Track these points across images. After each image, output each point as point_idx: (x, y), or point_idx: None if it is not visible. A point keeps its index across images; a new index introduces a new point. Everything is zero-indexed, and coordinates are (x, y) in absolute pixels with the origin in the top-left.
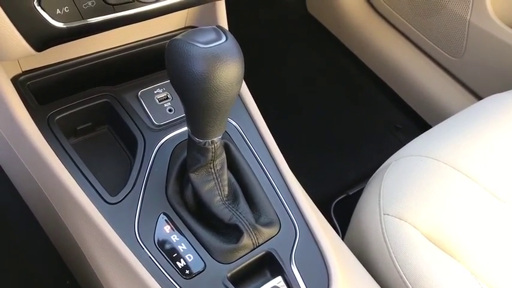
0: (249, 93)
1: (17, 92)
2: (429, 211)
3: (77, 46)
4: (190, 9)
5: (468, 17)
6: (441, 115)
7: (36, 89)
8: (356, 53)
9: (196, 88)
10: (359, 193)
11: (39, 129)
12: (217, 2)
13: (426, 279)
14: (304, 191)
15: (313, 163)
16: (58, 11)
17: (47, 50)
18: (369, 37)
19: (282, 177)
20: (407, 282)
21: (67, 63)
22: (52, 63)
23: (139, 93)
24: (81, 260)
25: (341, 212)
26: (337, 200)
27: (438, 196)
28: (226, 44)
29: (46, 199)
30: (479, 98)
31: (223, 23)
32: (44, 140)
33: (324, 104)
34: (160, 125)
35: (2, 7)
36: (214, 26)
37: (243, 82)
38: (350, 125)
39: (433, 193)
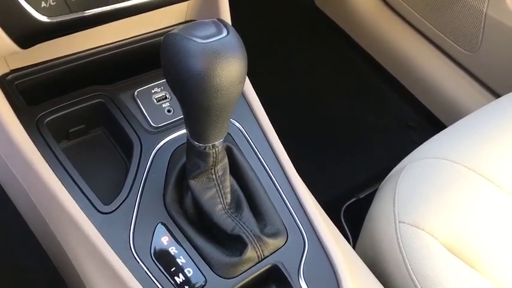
0: (253, 91)
1: (4, 92)
2: (448, 218)
3: (69, 42)
4: (190, 1)
5: (485, 9)
6: (456, 113)
7: (25, 89)
8: (366, 47)
9: (195, 88)
10: (370, 196)
11: (27, 132)
12: None
13: None
14: (313, 197)
15: (321, 164)
16: (43, 4)
17: (36, 47)
18: (379, 31)
19: (289, 182)
20: None
21: (58, 61)
22: (42, 61)
23: (135, 92)
24: (73, 273)
25: (351, 216)
26: (348, 203)
27: (458, 202)
28: (227, 38)
29: (35, 208)
30: (496, 94)
31: (226, 16)
32: (32, 144)
33: (333, 102)
34: (158, 127)
35: None
36: (215, 19)
37: (247, 79)
38: (360, 123)
39: (452, 199)
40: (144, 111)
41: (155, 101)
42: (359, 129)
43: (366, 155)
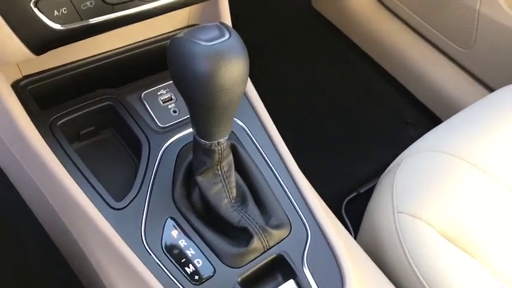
0: (255, 91)
1: (18, 97)
2: (445, 208)
3: (77, 48)
4: (192, 6)
5: (477, 7)
6: (452, 108)
7: (38, 94)
8: (362, 46)
9: (200, 88)
10: (370, 191)
11: (41, 134)
12: None
13: (443, 278)
14: (314, 191)
15: (322, 161)
16: (56, 13)
17: (47, 53)
18: (375, 30)
19: (291, 177)
20: (423, 282)
21: (68, 66)
22: (53, 66)
23: (142, 94)
24: (88, 267)
25: (353, 211)
26: (348, 198)
27: (453, 192)
28: (230, 41)
29: (50, 206)
30: (490, 89)
31: (227, 19)
32: (47, 146)
33: (331, 100)
34: (165, 127)
35: None
36: (217, 23)
37: (249, 80)
38: (359, 121)
39: (448, 189)
40: (151, 113)
41: (161, 102)
42: (358, 127)
43: (365, 152)
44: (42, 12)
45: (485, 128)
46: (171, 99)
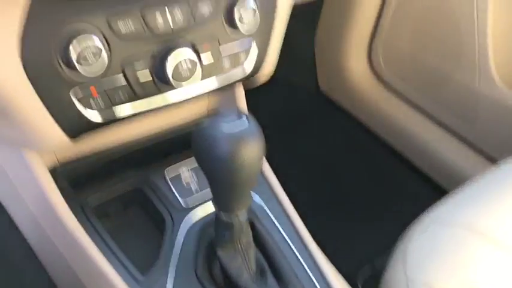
0: (270, 168)
1: (54, 181)
2: (458, 280)
3: (108, 135)
4: (211, 95)
5: (477, 87)
6: (458, 179)
7: (71, 177)
8: (369, 125)
9: (222, 168)
10: (386, 265)
11: (74, 213)
12: (236, 84)
13: None
14: (331, 264)
15: (335, 236)
16: (92, 103)
17: (81, 141)
18: (381, 110)
19: (308, 251)
20: None
21: (100, 153)
22: (86, 152)
23: (166, 175)
24: None
25: (369, 283)
26: (364, 273)
27: (466, 264)
28: (248, 128)
29: (79, 282)
30: (494, 160)
31: (243, 104)
32: (79, 225)
33: (341, 177)
34: (188, 205)
35: (42, 100)
36: (236, 111)
37: (265, 161)
38: (371, 196)
39: (459, 260)
40: (175, 191)
41: (184, 181)
42: (369, 201)
43: (377, 225)
44: (80, 103)
45: (494, 200)
46: (193, 178)
